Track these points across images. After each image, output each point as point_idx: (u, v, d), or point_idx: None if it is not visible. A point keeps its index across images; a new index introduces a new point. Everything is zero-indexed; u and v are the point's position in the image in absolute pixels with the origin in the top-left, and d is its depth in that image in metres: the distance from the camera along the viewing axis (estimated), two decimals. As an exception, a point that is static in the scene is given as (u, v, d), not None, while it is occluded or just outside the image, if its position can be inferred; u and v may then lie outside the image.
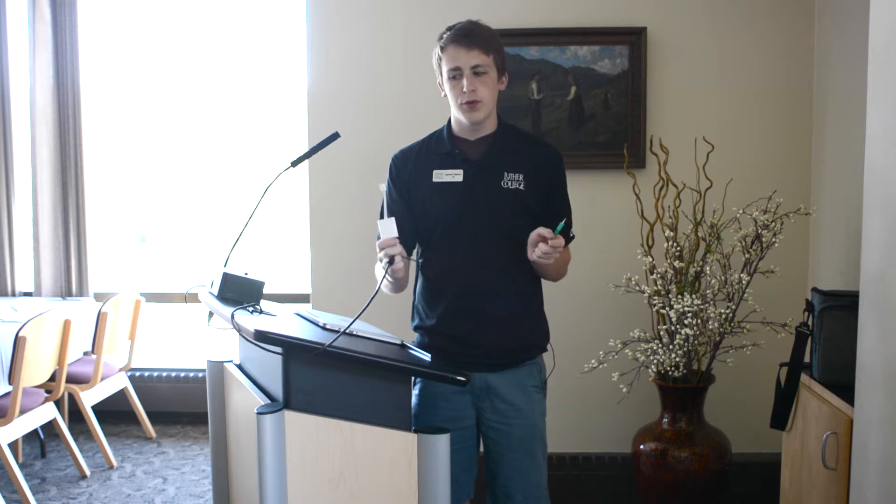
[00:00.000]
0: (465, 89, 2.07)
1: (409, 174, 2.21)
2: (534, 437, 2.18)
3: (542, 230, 1.98)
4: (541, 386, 2.23)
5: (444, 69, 2.11)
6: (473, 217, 2.12)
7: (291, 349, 1.74)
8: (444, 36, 2.12)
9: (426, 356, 2.07)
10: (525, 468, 2.18)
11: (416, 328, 2.27)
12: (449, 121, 2.22)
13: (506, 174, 2.13)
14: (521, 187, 2.13)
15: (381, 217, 2.02)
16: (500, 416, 2.16)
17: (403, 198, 2.21)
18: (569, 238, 2.23)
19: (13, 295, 4.53)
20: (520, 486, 2.18)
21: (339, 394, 1.81)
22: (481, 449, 2.26)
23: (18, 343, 3.32)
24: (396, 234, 1.97)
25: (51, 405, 3.67)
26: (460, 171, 2.14)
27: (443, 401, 2.18)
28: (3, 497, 3.51)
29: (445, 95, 2.16)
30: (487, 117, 2.14)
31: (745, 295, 2.99)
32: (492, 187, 2.13)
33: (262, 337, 1.67)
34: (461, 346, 2.12)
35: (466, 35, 2.08)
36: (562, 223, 1.97)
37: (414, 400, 2.19)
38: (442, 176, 2.16)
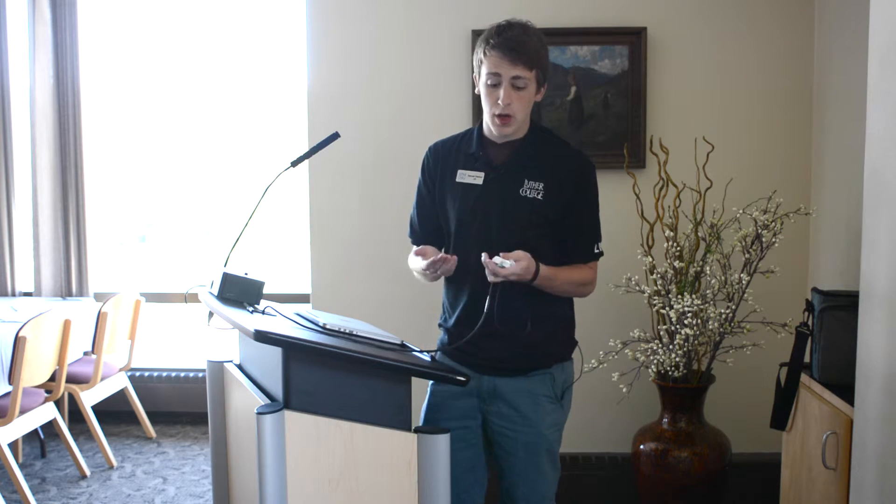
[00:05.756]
0: (500, 101, 2.01)
1: (438, 168, 2.20)
2: (538, 446, 2.13)
3: (487, 259, 1.93)
4: (553, 396, 2.15)
5: (484, 72, 2.04)
6: (486, 222, 2.09)
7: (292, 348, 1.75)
8: (492, 40, 2.01)
9: (426, 356, 2.08)
10: (529, 476, 2.14)
11: (439, 325, 2.27)
12: (482, 119, 2.17)
13: (526, 182, 2.07)
14: (540, 197, 2.07)
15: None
16: (506, 422, 2.13)
17: (431, 190, 2.21)
18: (593, 255, 2.16)
19: (13, 295, 4.53)
20: (523, 493, 2.16)
21: (338, 394, 1.81)
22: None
23: (18, 343, 3.32)
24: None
25: (51, 405, 3.67)
26: (481, 175, 2.10)
27: (450, 399, 2.18)
28: (3, 497, 3.51)
29: (478, 92, 2.10)
30: (517, 130, 2.09)
31: (745, 295, 2.99)
32: (509, 194, 2.08)
33: (263, 337, 1.67)
34: (472, 347, 2.09)
35: (514, 48, 1.99)
36: (500, 258, 1.93)
37: (427, 398, 2.22)
38: (464, 176, 2.13)
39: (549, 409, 2.15)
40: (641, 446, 3.09)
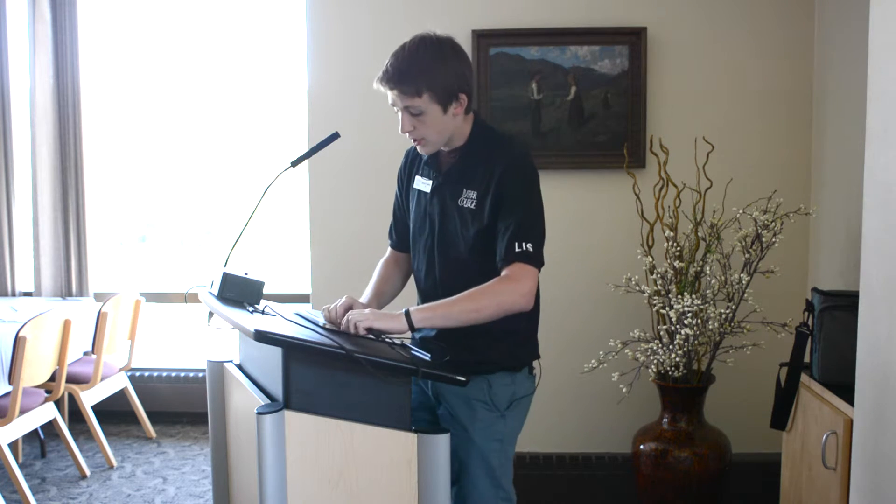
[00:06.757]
0: (401, 130, 1.98)
1: (405, 172, 2.20)
2: (470, 455, 2.03)
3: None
4: (490, 403, 2.03)
5: None
6: (429, 232, 2.08)
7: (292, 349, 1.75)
8: (380, 72, 1.95)
9: (426, 356, 2.08)
10: (463, 484, 2.06)
11: None
12: None
13: (464, 191, 2.00)
14: (473, 206, 1.98)
15: None
16: (446, 424, 2.08)
17: (401, 194, 2.22)
18: (514, 254, 1.90)
19: (13, 295, 4.53)
20: (460, 496, 2.09)
21: (338, 394, 1.81)
22: None
23: (18, 343, 3.31)
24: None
25: (51, 405, 3.67)
26: (430, 182, 2.07)
27: (420, 399, 2.18)
28: (3, 497, 3.51)
29: None
30: (451, 141, 2.02)
31: (745, 295, 2.99)
32: (448, 205, 2.03)
33: (262, 337, 1.67)
34: (425, 349, 2.09)
35: (391, 80, 1.92)
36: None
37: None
38: (419, 183, 2.11)
39: (488, 417, 2.04)
40: (641, 446, 3.09)
